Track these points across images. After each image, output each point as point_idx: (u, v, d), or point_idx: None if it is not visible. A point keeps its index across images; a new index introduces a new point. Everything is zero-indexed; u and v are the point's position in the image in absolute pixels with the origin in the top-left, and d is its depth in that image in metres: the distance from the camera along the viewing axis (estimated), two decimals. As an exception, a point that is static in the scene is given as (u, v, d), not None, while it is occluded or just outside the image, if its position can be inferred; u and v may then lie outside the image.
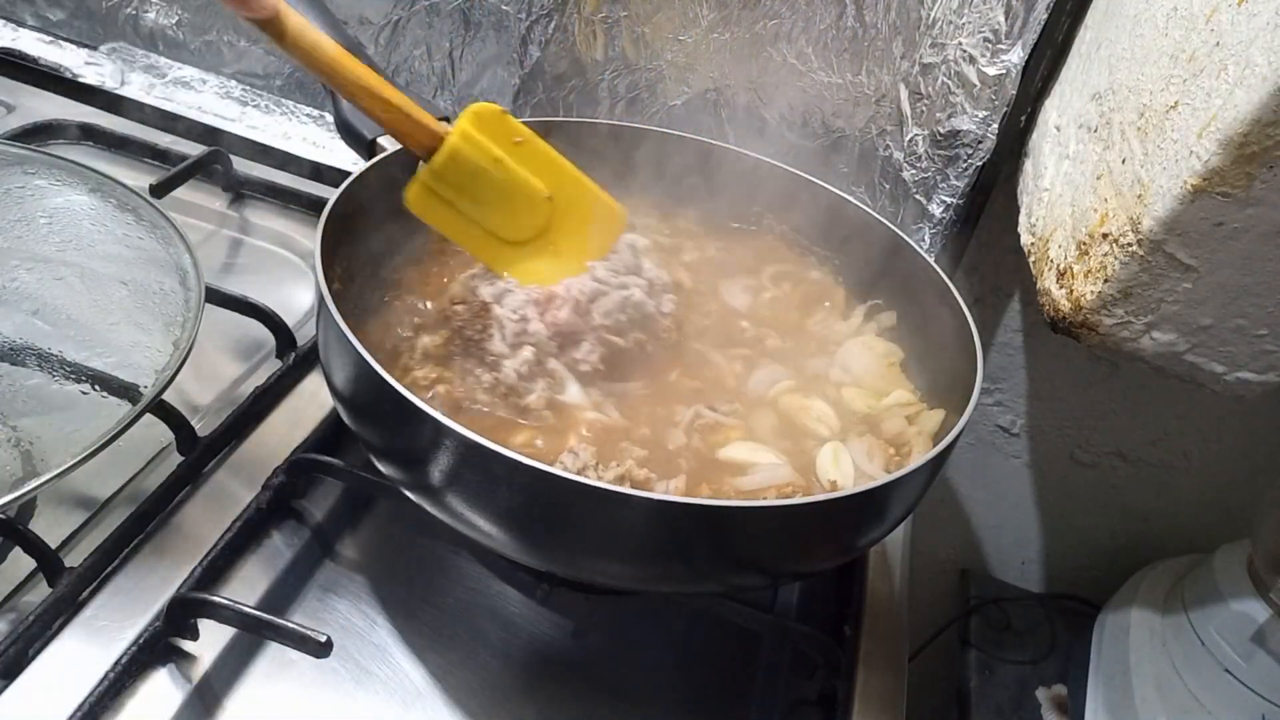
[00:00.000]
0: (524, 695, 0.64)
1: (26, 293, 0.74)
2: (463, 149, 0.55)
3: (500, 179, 0.57)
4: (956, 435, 0.58)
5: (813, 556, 0.61)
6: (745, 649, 0.71)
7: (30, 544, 0.59)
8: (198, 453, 0.70)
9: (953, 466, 1.17)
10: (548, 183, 0.59)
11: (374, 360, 0.53)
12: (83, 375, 0.69)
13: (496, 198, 0.58)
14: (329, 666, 0.61)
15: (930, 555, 1.23)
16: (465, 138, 0.55)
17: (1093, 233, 0.66)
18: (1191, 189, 0.56)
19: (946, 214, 0.93)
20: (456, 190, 0.56)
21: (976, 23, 0.84)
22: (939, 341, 0.72)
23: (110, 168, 0.81)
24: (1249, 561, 0.83)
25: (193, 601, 0.60)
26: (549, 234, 0.60)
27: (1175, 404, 1.02)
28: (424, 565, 0.70)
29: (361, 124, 0.75)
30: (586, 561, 0.58)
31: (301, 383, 0.81)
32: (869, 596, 0.74)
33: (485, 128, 0.56)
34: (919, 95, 0.89)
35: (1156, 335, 0.65)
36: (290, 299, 0.90)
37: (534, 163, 0.59)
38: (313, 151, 1.08)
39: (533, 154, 0.59)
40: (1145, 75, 0.64)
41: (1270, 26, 0.51)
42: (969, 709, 1.00)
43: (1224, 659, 0.81)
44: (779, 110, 0.95)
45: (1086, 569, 1.18)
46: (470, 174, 0.56)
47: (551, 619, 0.69)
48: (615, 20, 0.96)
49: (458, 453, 0.51)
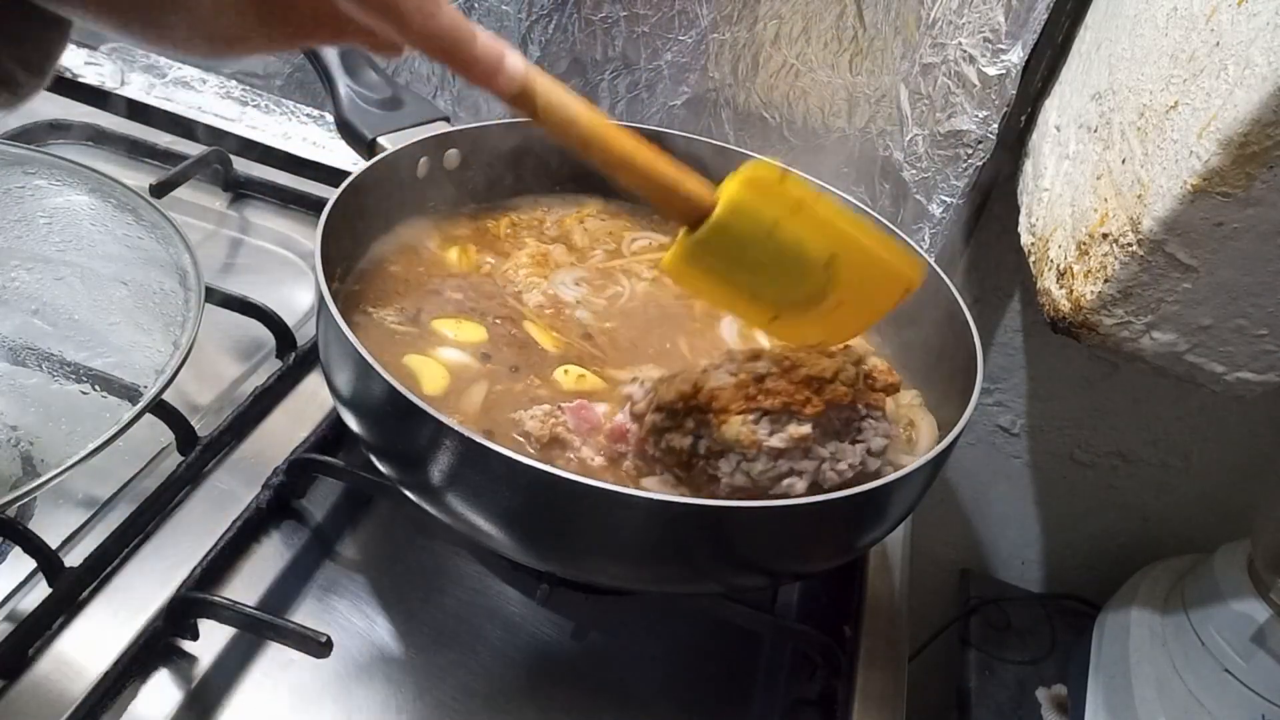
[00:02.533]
0: (524, 695, 0.64)
1: (26, 293, 0.74)
2: (731, 220, 0.48)
3: (773, 247, 0.50)
4: (956, 435, 0.58)
5: (813, 556, 0.61)
6: (745, 649, 0.71)
7: (30, 544, 0.59)
8: (197, 453, 0.70)
9: (953, 466, 1.17)
10: (828, 245, 0.51)
11: (374, 360, 0.53)
12: (83, 375, 0.70)
13: (767, 265, 0.51)
14: (329, 666, 0.61)
15: (930, 555, 1.23)
16: (735, 208, 0.48)
17: (1093, 233, 0.66)
18: (1191, 189, 0.56)
19: (946, 214, 0.93)
20: (722, 260, 0.50)
21: (976, 23, 0.84)
22: (939, 341, 0.72)
23: (110, 168, 0.82)
24: (1249, 561, 0.83)
25: (193, 601, 0.60)
26: (830, 296, 0.53)
27: (1175, 404, 1.02)
28: (424, 565, 0.70)
29: (362, 123, 0.76)
30: (586, 561, 0.58)
31: (301, 383, 0.81)
32: (869, 596, 0.74)
33: (760, 192, 0.48)
34: (919, 95, 0.89)
35: (1156, 335, 0.65)
36: (290, 299, 0.90)
37: (813, 224, 0.50)
38: (313, 151, 1.08)
39: (812, 216, 0.50)
40: (1145, 75, 0.64)
41: (1270, 26, 0.51)
42: (969, 709, 1.00)
43: (1224, 659, 0.81)
44: (779, 110, 0.95)
45: (1086, 569, 1.18)
46: (739, 243, 0.49)
47: (551, 619, 0.69)
48: (615, 20, 0.96)
49: (457, 452, 0.51)
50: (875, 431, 0.57)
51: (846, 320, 0.55)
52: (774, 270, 0.51)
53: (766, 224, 0.49)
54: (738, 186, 0.48)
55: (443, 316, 0.70)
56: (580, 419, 0.60)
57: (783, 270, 0.51)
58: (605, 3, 0.95)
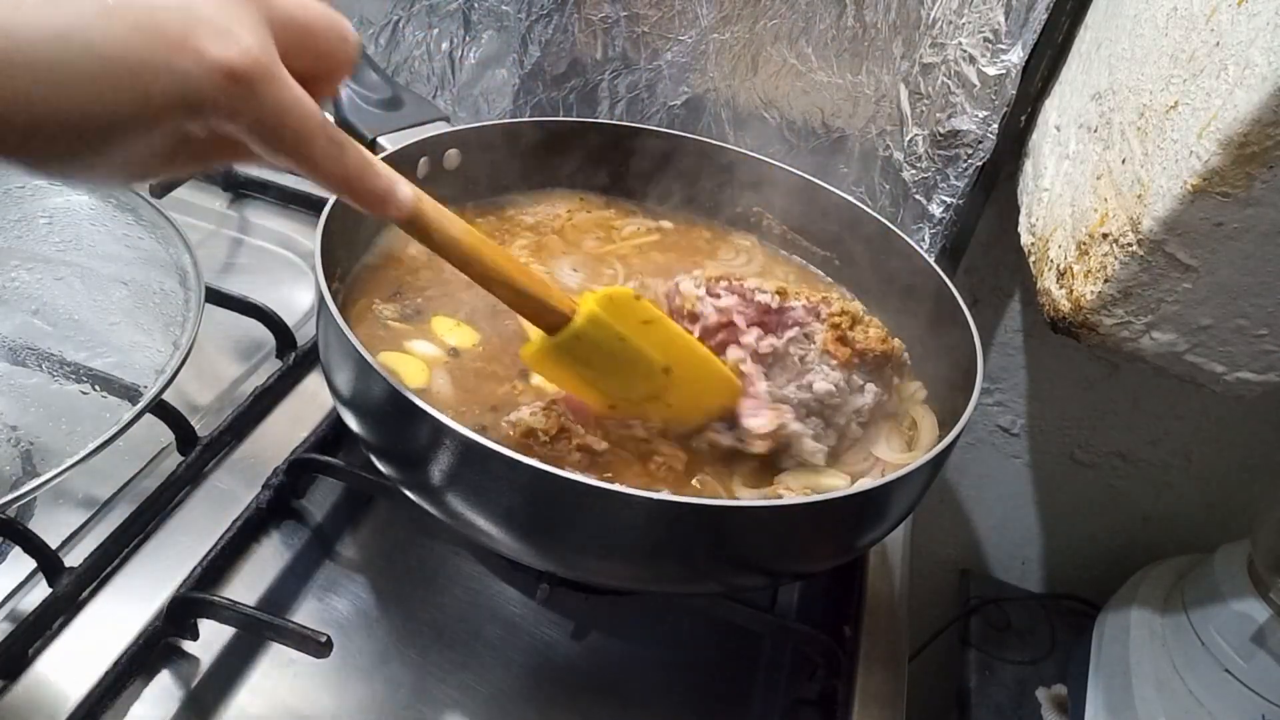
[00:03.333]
0: (524, 695, 0.64)
1: (26, 293, 0.74)
2: (588, 331, 0.55)
3: (620, 354, 0.58)
4: (956, 435, 0.58)
5: (813, 556, 0.61)
6: (745, 649, 0.71)
7: (30, 544, 0.59)
8: (197, 453, 0.70)
9: (953, 466, 1.17)
10: (668, 357, 0.59)
11: (374, 360, 0.53)
12: (83, 375, 0.70)
13: (614, 369, 0.59)
14: (329, 666, 0.61)
15: (930, 555, 1.23)
16: (592, 322, 0.55)
17: (1093, 233, 0.66)
18: (1191, 189, 0.56)
19: (946, 214, 0.93)
20: (575, 360, 0.57)
21: (976, 23, 0.84)
22: (939, 341, 0.72)
23: (110, 168, 0.81)
24: (1249, 561, 0.83)
25: (193, 601, 0.60)
26: (663, 397, 0.61)
27: (1175, 404, 1.02)
28: (424, 565, 0.70)
29: (361, 123, 0.76)
30: (586, 561, 0.58)
31: (301, 383, 0.81)
32: (869, 596, 0.74)
33: (614, 310, 0.56)
34: (919, 95, 0.89)
35: (1156, 335, 0.65)
36: (290, 299, 0.91)
37: (658, 339, 0.59)
38: (313, 151, 1.08)
39: (658, 332, 0.59)
40: (1145, 75, 0.64)
41: (1270, 26, 0.51)
42: (969, 709, 1.00)
43: (1224, 659, 0.81)
44: (779, 110, 0.95)
45: (1086, 569, 1.18)
46: (591, 349, 0.56)
47: (551, 619, 0.69)
48: (615, 20, 0.96)
49: (457, 452, 0.51)
50: (822, 376, 0.63)
51: (674, 417, 0.63)
52: (617, 372, 0.59)
53: (616, 336, 0.57)
54: (596, 303, 0.55)
55: (442, 315, 0.70)
56: (573, 408, 0.62)
57: (625, 372, 0.59)
58: (605, 3, 0.95)
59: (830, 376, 0.63)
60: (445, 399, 0.64)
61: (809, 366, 0.63)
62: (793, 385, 0.62)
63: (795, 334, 0.63)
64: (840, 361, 0.63)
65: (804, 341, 0.63)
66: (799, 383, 0.63)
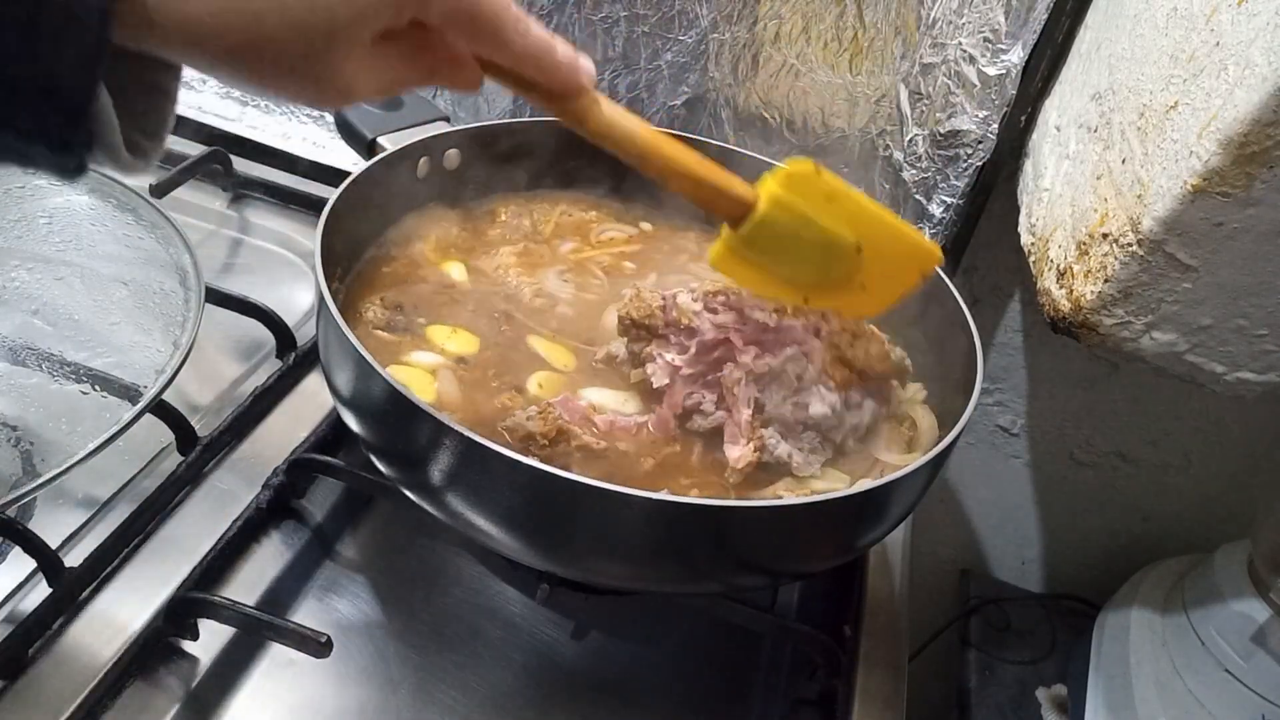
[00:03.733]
0: (524, 695, 0.64)
1: (26, 293, 0.74)
2: (772, 215, 0.53)
3: (809, 238, 0.55)
4: (956, 435, 0.58)
5: (813, 556, 0.61)
6: (745, 649, 0.71)
7: (30, 544, 0.59)
8: (197, 453, 0.70)
9: (953, 466, 1.17)
10: (858, 232, 0.56)
11: (374, 360, 0.53)
12: (83, 375, 0.70)
13: (805, 255, 0.56)
14: (329, 666, 0.61)
15: (930, 555, 1.23)
16: (775, 203, 0.53)
17: (1093, 233, 0.66)
18: (1191, 189, 0.56)
19: (946, 214, 0.93)
20: (764, 253, 0.55)
21: (976, 23, 0.84)
22: (939, 341, 0.72)
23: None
24: (1249, 561, 0.83)
25: (193, 601, 0.60)
26: (857, 277, 0.58)
27: (1175, 404, 1.02)
28: (424, 565, 0.70)
29: (362, 122, 0.76)
30: (586, 561, 0.58)
31: (301, 383, 0.81)
32: (869, 596, 0.74)
33: (796, 188, 0.53)
34: (919, 95, 0.89)
35: (1156, 335, 0.65)
36: (290, 299, 0.90)
37: (844, 214, 0.55)
38: (313, 151, 1.08)
39: (843, 207, 0.55)
40: (1145, 75, 0.64)
41: (1270, 26, 0.51)
42: (969, 709, 1.00)
43: (1224, 659, 0.81)
44: (779, 110, 0.95)
45: (1086, 569, 1.18)
46: (779, 237, 0.54)
47: (551, 619, 0.69)
48: (615, 20, 0.96)
49: (457, 452, 0.51)
50: (818, 398, 0.62)
51: (870, 299, 0.60)
52: (808, 258, 0.56)
53: (803, 217, 0.54)
54: (777, 184, 0.52)
55: (438, 323, 0.70)
56: (570, 409, 0.61)
57: (816, 257, 0.56)
58: (605, 3, 0.95)
59: (827, 399, 0.62)
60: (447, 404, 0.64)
61: (805, 386, 0.62)
62: (789, 405, 0.62)
63: (793, 353, 0.62)
64: (838, 382, 0.62)
65: (802, 360, 0.62)
66: (795, 400, 0.62)
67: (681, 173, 0.51)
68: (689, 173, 0.51)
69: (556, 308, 0.74)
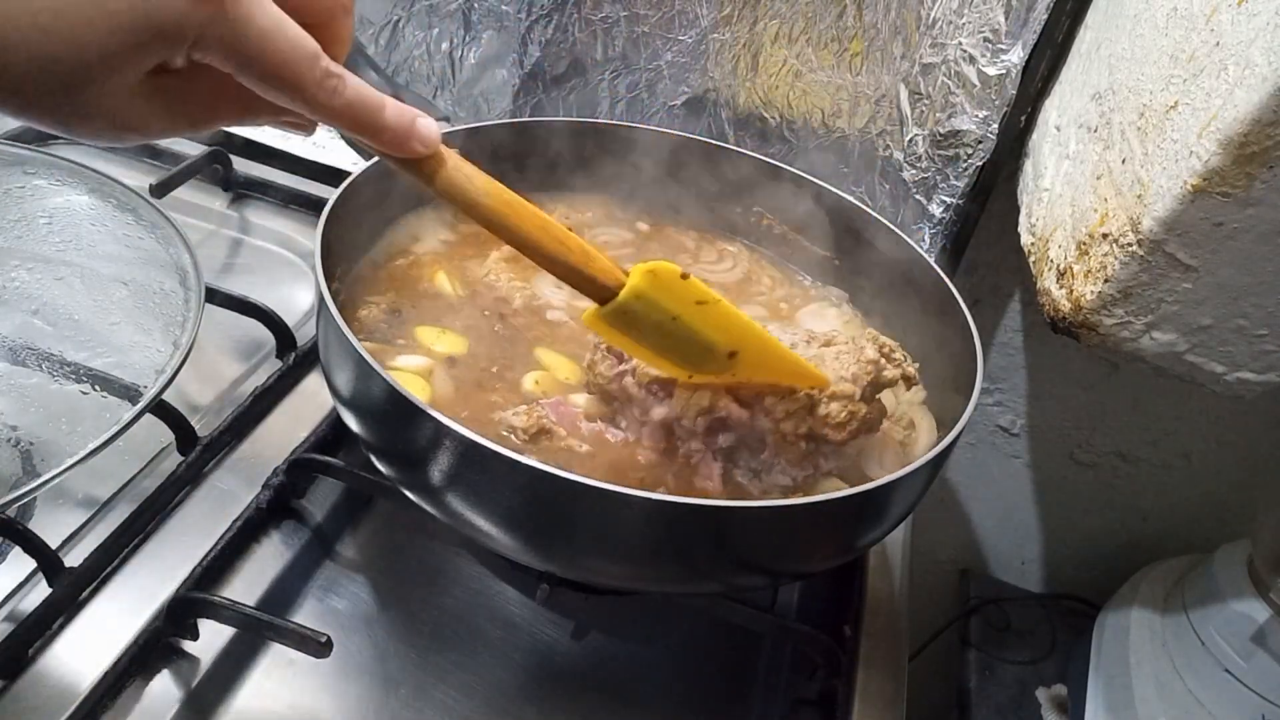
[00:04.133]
0: (524, 696, 0.64)
1: (26, 293, 0.74)
2: (633, 306, 0.51)
3: (675, 332, 0.54)
4: (956, 435, 0.58)
5: (813, 556, 0.61)
6: (745, 649, 0.71)
7: (30, 544, 0.59)
8: (197, 453, 0.70)
9: (953, 466, 1.17)
10: (731, 341, 0.55)
11: (374, 360, 0.53)
12: (83, 375, 0.70)
13: (672, 345, 0.55)
14: (329, 666, 0.61)
15: (930, 555, 1.23)
16: (639, 298, 0.51)
17: (1093, 233, 0.66)
18: (1191, 189, 0.56)
19: (946, 214, 0.93)
20: (631, 330, 0.54)
21: (976, 23, 0.84)
22: (939, 341, 0.72)
23: (110, 167, 0.81)
24: (1249, 561, 0.83)
25: (193, 601, 0.60)
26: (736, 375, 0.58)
27: (1175, 404, 1.02)
28: (424, 565, 0.70)
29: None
30: (586, 561, 0.58)
31: (301, 383, 0.81)
32: (869, 596, 0.74)
33: (661, 288, 0.52)
34: (919, 95, 0.89)
35: (1156, 335, 0.65)
36: (290, 299, 0.90)
37: (716, 321, 0.54)
38: (313, 151, 1.08)
39: (719, 315, 0.54)
40: (1145, 75, 0.64)
41: (1270, 26, 0.51)
42: (969, 709, 1.00)
43: (1224, 659, 0.81)
44: (779, 110, 0.95)
45: (1086, 569, 1.18)
46: (643, 324, 0.53)
47: (551, 619, 0.69)
48: (615, 20, 0.96)
49: (457, 453, 0.51)
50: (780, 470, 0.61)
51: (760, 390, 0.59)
52: (676, 348, 0.55)
53: (668, 313, 0.52)
54: (640, 279, 0.51)
55: (430, 325, 0.69)
56: (560, 414, 0.61)
57: (687, 350, 0.55)
58: (605, 3, 0.95)
59: (789, 473, 0.62)
60: (443, 402, 0.64)
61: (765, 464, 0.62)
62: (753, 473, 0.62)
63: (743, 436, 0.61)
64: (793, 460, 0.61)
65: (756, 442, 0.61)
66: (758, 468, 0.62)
67: (533, 246, 0.49)
68: (541, 248, 0.49)
69: (548, 313, 0.74)
